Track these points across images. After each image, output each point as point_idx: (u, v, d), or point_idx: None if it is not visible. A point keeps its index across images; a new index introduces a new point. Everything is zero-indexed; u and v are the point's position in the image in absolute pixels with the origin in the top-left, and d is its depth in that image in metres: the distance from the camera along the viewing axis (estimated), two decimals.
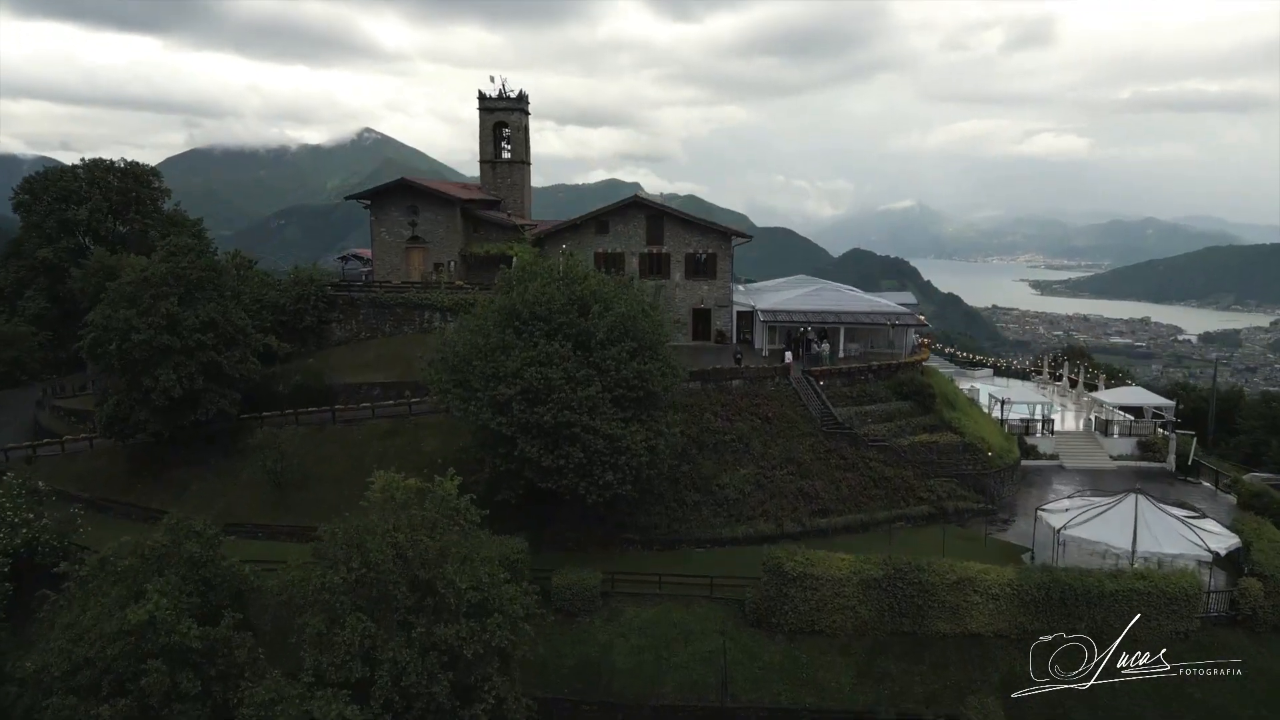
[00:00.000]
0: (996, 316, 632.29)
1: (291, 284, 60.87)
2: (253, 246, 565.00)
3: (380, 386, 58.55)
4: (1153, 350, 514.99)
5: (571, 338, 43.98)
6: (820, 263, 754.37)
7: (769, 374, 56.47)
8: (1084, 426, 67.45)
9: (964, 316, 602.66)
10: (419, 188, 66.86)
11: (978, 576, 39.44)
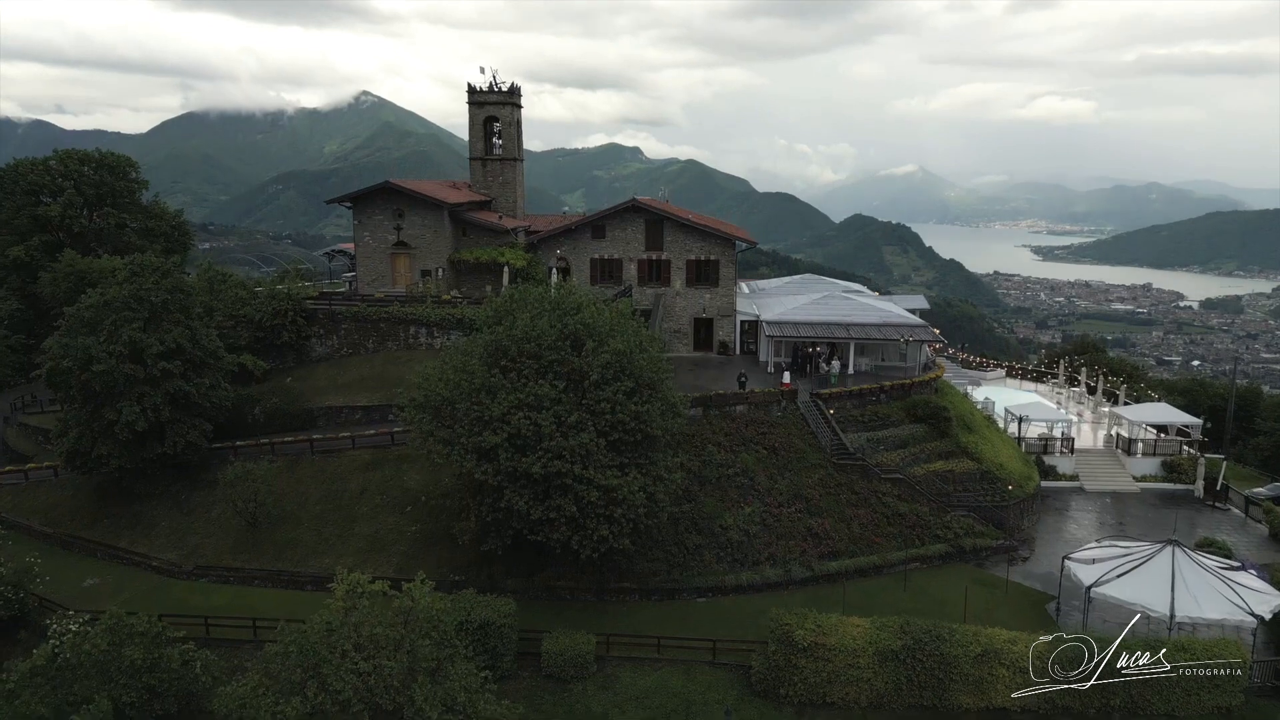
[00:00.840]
0: (998, 282, 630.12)
1: (268, 299, 57.21)
2: (250, 212, 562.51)
3: (362, 410, 55.18)
4: (1154, 317, 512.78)
5: (563, 376, 40.58)
6: (822, 229, 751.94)
7: (775, 398, 53.03)
8: (1104, 443, 64.22)
9: (965, 282, 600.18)
10: (404, 191, 63.01)
11: (1004, 648, 36.22)
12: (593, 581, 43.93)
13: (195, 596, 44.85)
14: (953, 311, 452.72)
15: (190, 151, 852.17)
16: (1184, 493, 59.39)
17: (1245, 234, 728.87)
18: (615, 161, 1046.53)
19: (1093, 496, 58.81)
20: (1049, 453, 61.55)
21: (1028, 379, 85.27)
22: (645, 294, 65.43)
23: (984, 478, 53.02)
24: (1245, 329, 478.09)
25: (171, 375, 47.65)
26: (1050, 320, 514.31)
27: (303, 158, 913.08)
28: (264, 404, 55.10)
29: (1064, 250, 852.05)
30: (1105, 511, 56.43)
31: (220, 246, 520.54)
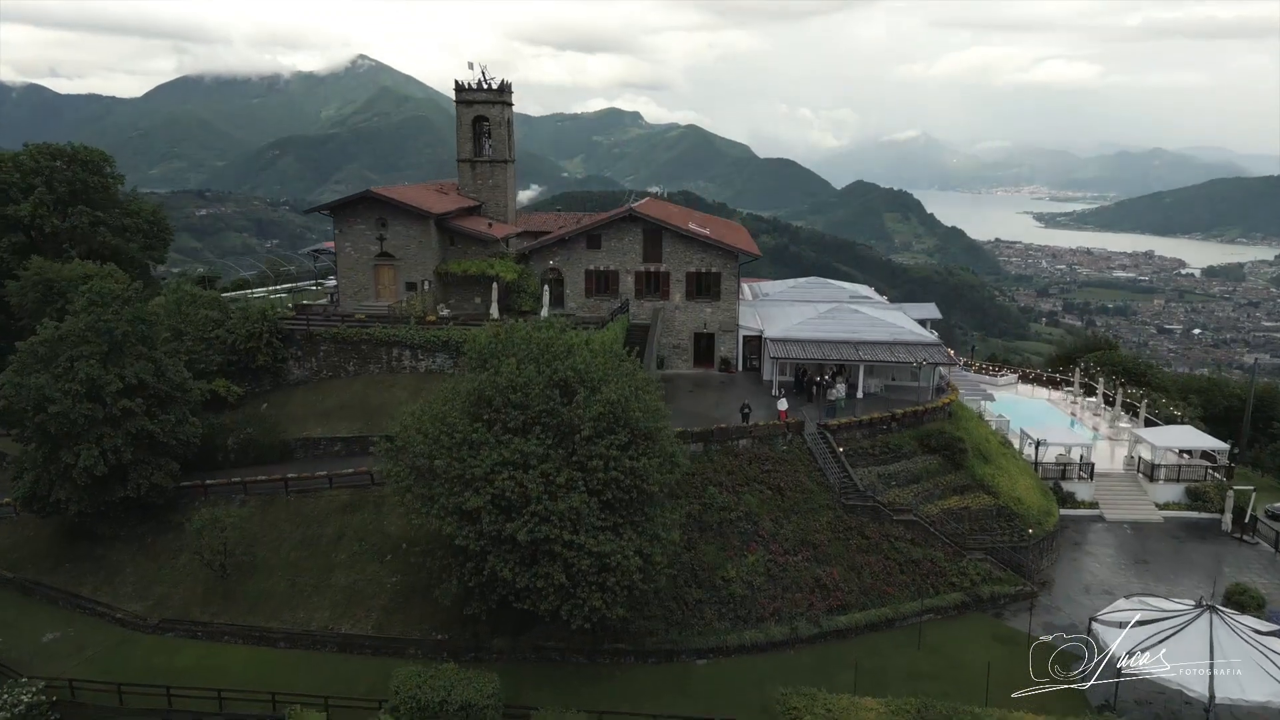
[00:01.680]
0: (999, 250, 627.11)
1: (241, 320, 53.77)
2: (248, 178, 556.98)
3: (342, 441, 51.96)
4: (1155, 284, 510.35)
5: (552, 429, 37.36)
6: (823, 195, 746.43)
7: (780, 431, 49.80)
8: (1124, 465, 61.12)
9: (966, 250, 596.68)
10: (388, 201, 59.41)
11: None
12: (584, 642, 40.89)
13: (160, 655, 41.92)
14: (953, 280, 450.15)
15: (186, 116, 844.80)
16: (1209, 522, 56.41)
17: (1248, 201, 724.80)
18: (615, 126, 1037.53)
19: (1113, 527, 55.85)
20: (1067, 478, 58.53)
21: (1041, 385, 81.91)
22: (643, 307, 62.08)
23: (1001, 514, 50.02)
24: (1247, 296, 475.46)
25: (133, 414, 44.40)
26: (1051, 288, 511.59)
27: (300, 122, 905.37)
28: (237, 434, 51.92)
29: (1066, 217, 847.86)
30: (1127, 545, 53.46)
31: (218, 213, 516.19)
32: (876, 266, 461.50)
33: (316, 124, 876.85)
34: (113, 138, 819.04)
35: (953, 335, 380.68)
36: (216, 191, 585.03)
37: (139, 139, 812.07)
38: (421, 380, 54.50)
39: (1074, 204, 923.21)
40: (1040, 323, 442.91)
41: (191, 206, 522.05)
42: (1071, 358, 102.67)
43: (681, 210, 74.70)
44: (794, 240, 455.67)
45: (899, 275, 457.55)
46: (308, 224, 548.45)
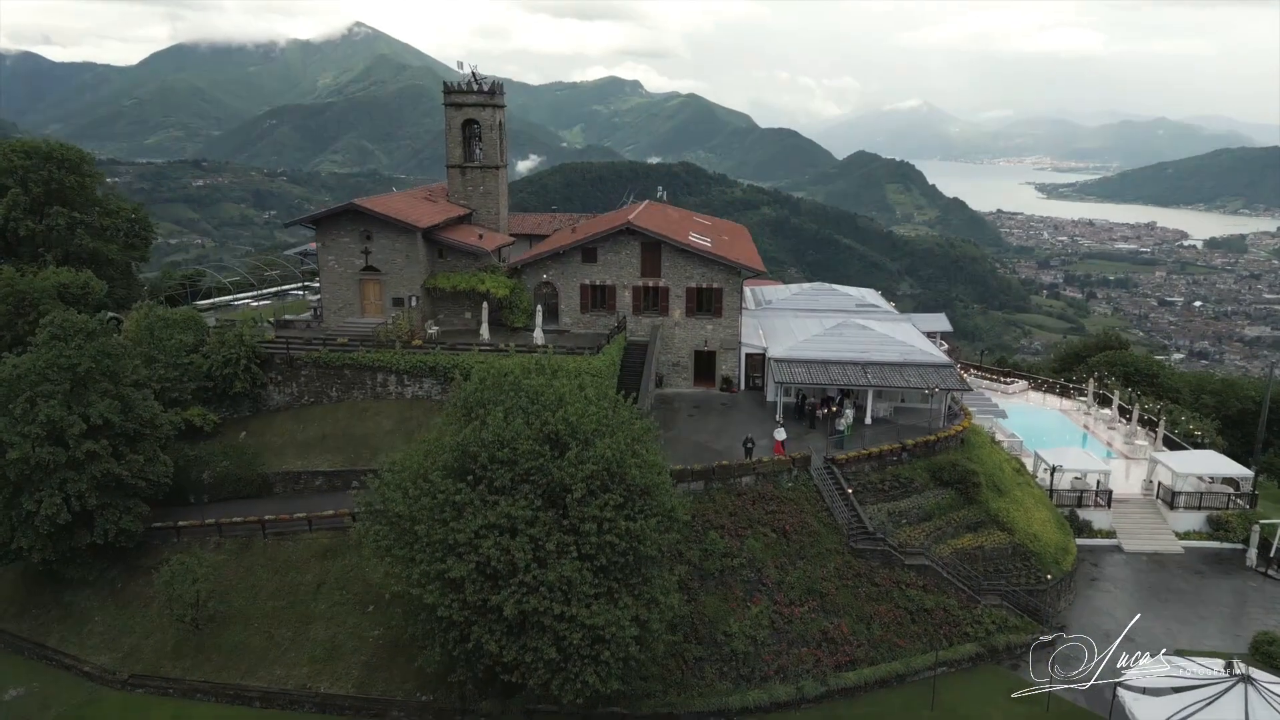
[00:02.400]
0: (1001, 221, 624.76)
1: (218, 345, 50.97)
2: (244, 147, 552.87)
3: (324, 476, 49.32)
4: (1157, 256, 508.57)
5: (541, 487, 34.74)
6: (824, 165, 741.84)
7: (785, 466, 47.18)
8: (1143, 488, 58.69)
9: (968, 221, 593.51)
10: (372, 214, 56.48)
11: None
12: (578, 706, 38.43)
13: (131, 715, 39.55)
14: (954, 252, 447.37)
15: (181, 85, 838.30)
16: (1231, 553, 54.07)
17: (1252, 171, 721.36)
18: (614, 95, 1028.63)
19: (1131, 559, 53.46)
20: (1083, 505, 56.11)
21: (1052, 393, 79.23)
22: (641, 324, 59.31)
23: (1016, 553, 47.72)
24: (1249, 269, 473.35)
25: (98, 457, 41.76)
26: (1053, 260, 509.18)
27: (296, 91, 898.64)
28: (214, 467, 49.27)
29: (1068, 188, 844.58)
30: (1147, 581, 51.08)
31: (214, 184, 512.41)
32: (877, 239, 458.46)
33: (313, 92, 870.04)
34: (108, 107, 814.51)
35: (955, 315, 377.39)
36: (213, 161, 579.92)
37: (134, 108, 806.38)
38: (408, 407, 51.87)
39: (1077, 174, 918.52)
40: (1041, 295, 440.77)
41: (188, 177, 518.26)
42: (1081, 356, 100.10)
43: (682, 216, 71.63)
44: (795, 212, 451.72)
45: (900, 247, 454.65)
46: (306, 194, 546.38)
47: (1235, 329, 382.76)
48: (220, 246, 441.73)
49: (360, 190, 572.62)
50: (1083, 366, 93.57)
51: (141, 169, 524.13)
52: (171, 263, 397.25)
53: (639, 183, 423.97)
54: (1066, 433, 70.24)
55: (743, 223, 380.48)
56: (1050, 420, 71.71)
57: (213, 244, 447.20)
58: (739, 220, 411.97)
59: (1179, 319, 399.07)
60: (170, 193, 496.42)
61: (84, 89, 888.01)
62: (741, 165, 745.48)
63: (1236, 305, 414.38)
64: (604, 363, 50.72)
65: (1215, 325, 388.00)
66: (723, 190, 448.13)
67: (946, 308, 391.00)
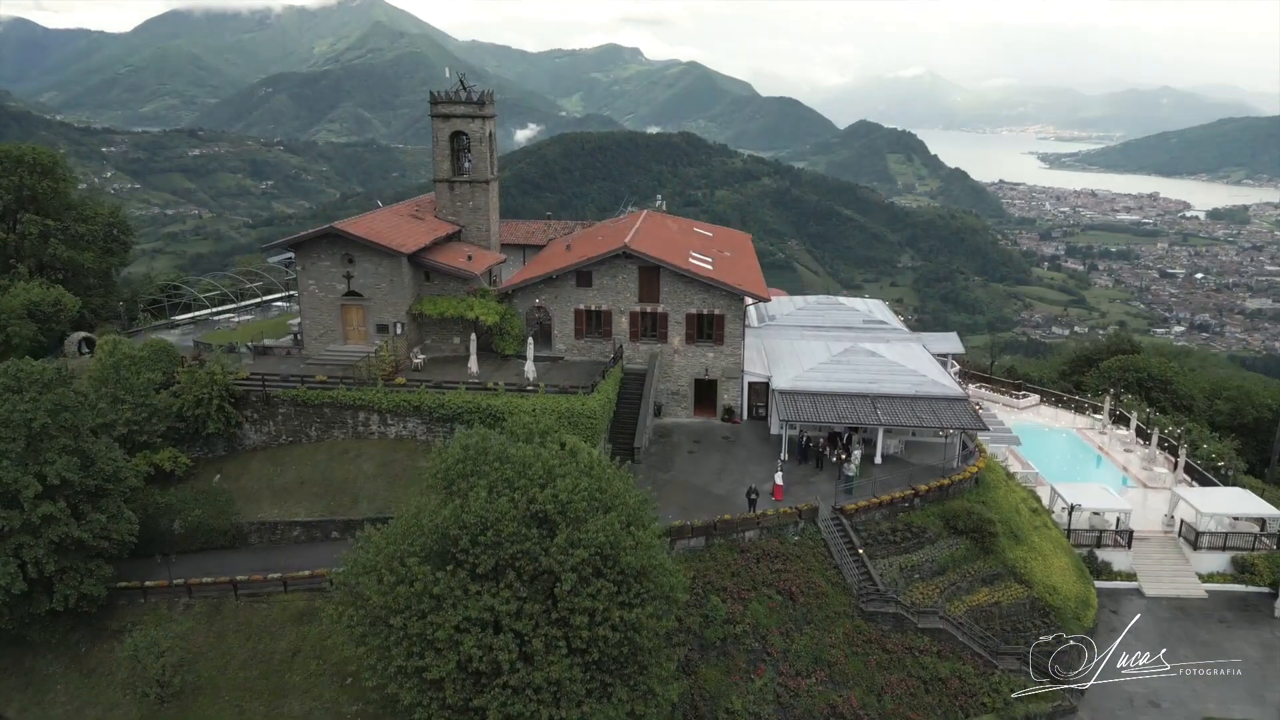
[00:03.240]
0: (1003, 192, 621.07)
1: (189, 384, 47.95)
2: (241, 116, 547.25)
3: (301, 526, 46.48)
4: (1159, 227, 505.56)
5: (528, 574, 31.94)
6: (825, 135, 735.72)
7: (791, 519, 44.43)
8: (1164, 524, 56.03)
9: (970, 192, 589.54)
10: (354, 238, 53.33)
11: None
12: None
13: None
14: (955, 223, 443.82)
15: (176, 51, 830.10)
16: (1258, 598, 51.44)
17: (1256, 141, 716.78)
18: (614, 63, 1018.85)
19: (1154, 606, 50.72)
20: (1102, 545, 53.41)
21: (1064, 406, 76.39)
22: (639, 350, 56.39)
23: (1035, 608, 45.19)
24: (1251, 240, 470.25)
25: (56, 520, 38.94)
26: (1054, 231, 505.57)
27: (292, 58, 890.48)
28: (185, 516, 46.45)
29: (1071, 158, 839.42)
30: (1170, 632, 48.38)
31: (211, 153, 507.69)
32: (879, 210, 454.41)
33: (309, 60, 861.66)
34: (103, 74, 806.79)
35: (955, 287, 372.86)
36: (209, 130, 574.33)
37: (129, 75, 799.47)
38: (391, 448, 48.95)
39: (1080, 144, 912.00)
40: (1042, 267, 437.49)
41: (184, 147, 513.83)
42: (1092, 359, 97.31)
43: (682, 228, 68.33)
44: (795, 183, 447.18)
45: (901, 219, 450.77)
46: (304, 164, 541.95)
47: (1236, 301, 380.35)
48: (217, 217, 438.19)
49: (358, 160, 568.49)
50: (1094, 371, 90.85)
51: (137, 138, 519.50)
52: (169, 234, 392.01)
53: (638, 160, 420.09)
54: (1080, 454, 67.64)
55: (743, 194, 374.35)
56: (1063, 441, 68.97)
57: (210, 214, 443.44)
58: (739, 191, 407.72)
59: (1180, 291, 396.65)
60: (166, 163, 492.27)
61: (78, 56, 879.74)
62: (742, 134, 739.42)
63: (1238, 277, 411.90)
64: (598, 402, 47.84)
65: (1216, 297, 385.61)
66: (723, 161, 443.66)
67: (947, 280, 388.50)
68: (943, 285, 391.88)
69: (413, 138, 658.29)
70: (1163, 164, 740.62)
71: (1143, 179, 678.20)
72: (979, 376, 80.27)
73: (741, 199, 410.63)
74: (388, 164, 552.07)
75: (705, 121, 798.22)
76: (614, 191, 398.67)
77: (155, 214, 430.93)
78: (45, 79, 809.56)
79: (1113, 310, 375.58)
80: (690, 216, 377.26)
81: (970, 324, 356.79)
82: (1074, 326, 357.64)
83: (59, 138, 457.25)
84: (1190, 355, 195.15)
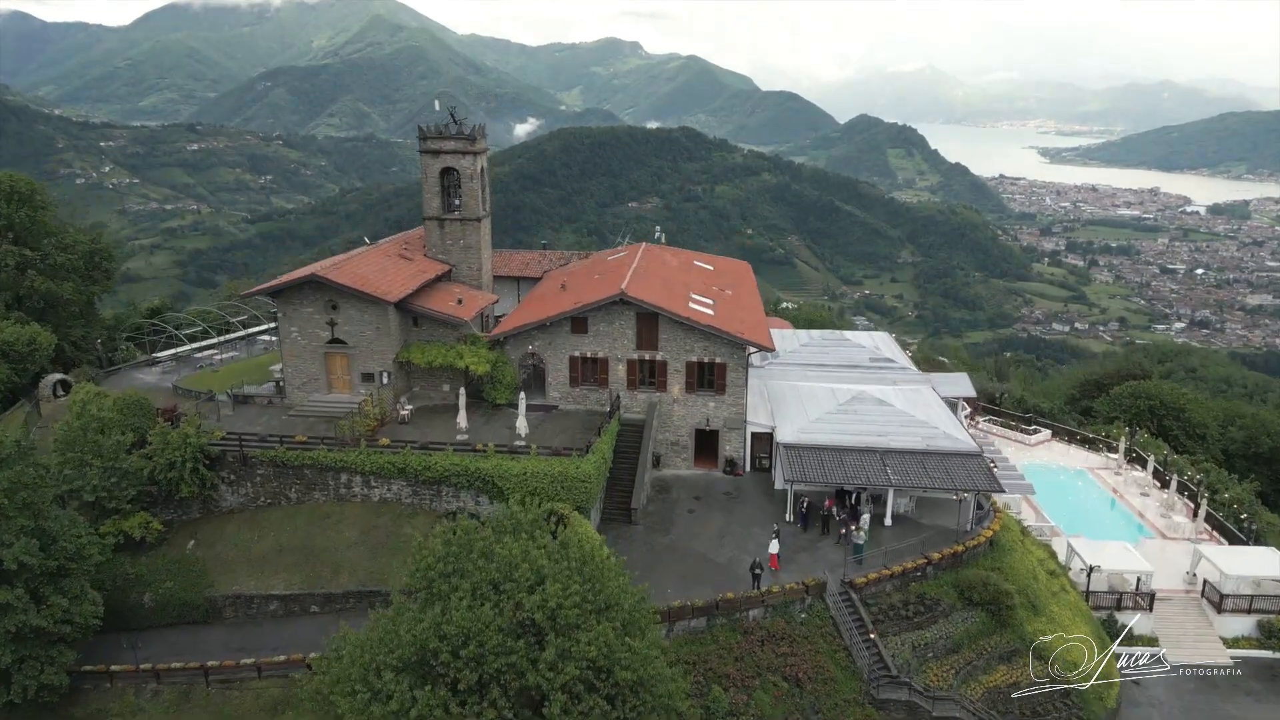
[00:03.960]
0: (1003, 186, 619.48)
1: (161, 446, 45.36)
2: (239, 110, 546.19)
3: (279, 600, 43.85)
4: (1160, 223, 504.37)
5: (515, 690, 29.42)
6: (826, 129, 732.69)
7: (798, 595, 41.92)
8: (1185, 582, 53.64)
9: (970, 187, 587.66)
10: (338, 286, 50.68)
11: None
12: None
13: None
14: (956, 219, 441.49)
15: (175, 45, 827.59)
16: None
17: (1257, 135, 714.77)
18: (614, 56, 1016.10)
19: (1177, 675, 48.19)
20: (1123, 608, 50.94)
21: (1075, 442, 73.87)
22: (637, 399, 53.84)
23: (1054, 688, 42.51)
24: (1251, 235, 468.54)
25: (12, 609, 36.42)
26: (1055, 226, 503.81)
27: (291, 52, 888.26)
28: (156, 588, 43.90)
29: (1072, 152, 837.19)
30: (1196, 709, 46.05)
31: (210, 148, 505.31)
32: (879, 205, 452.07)
33: (308, 54, 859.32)
34: (101, 68, 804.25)
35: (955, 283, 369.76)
36: (208, 125, 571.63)
37: (128, 69, 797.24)
38: (374, 512, 46.39)
39: (1080, 138, 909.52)
40: (1043, 263, 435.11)
41: (183, 141, 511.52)
42: (1102, 385, 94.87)
43: (682, 264, 65.57)
44: (795, 178, 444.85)
45: (901, 214, 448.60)
46: (303, 159, 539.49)
47: (1237, 297, 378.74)
48: (216, 212, 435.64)
49: (357, 155, 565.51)
50: (1104, 398, 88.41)
51: (136, 133, 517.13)
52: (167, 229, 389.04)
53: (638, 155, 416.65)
54: (1094, 497, 65.15)
55: (743, 189, 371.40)
56: (1077, 483, 66.46)
57: (208, 209, 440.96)
58: (739, 186, 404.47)
59: (1180, 287, 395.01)
60: (165, 157, 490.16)
61: (77, 49, 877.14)
62: (742, 129, 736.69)
63: (1238, 273, 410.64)
64: (592, 465, 45.24)
65: (1217, 293, 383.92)
66: (723, 156, 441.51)
67: (947, 275, 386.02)
68: (943, 281, 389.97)
69: (412, 132, 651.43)
70: (1163, 158, 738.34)
71: (1143, 174, 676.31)
72: (988, 409, 77.70)
73: (741, 194, 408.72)
74: (387, 158, 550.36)
75: (705, 115, 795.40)
76: (614, 188, 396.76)
77: (154, 209, 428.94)
78: (44, 73, 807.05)
79: (1113, 307, 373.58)
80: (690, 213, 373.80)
81: (970, 320, 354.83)
82: (1074, 323, 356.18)
83: (57, 131, 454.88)
84: (1192, 353, 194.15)
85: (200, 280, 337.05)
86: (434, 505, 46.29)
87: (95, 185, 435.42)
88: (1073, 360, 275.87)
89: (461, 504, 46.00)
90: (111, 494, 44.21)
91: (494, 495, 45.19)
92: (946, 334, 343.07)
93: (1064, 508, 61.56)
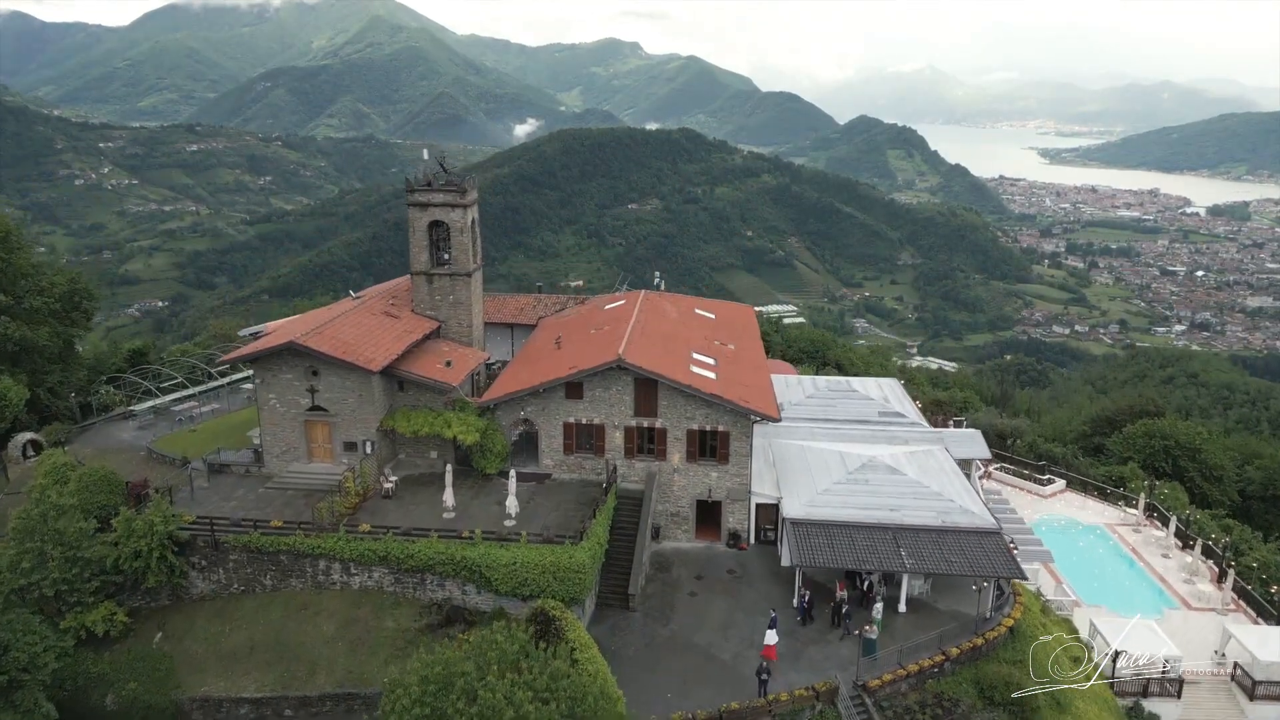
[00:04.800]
0: (1003, 188, 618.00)
1: (126, 534, 42.43)
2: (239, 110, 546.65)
3: (249, 704, 40.82)
4: (1160, 224, 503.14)
5: None
6: (826, 130, 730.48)
7: (808, 702, 39.04)
8: (1214, 663, 50.66)
9: (970, 188, 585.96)
10: (319, 354, 47.76)
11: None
12: None
13: None
14: (956, 221, 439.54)
15: (174, 45, 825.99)
16: None
17: (1257, 136, 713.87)
18: (613, 57, 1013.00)
19: None
20: (1149, 695, 47.97)
21: (1091, 495, 70.91)
22: (635, 468, 50.97)
23: None
24: (1251, 237, 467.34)
25: None
26: (1055, 228, 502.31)
27: (291, 52, 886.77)
28: (119, 689, 41.00)
29: (1072, 153, 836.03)
30: None
31: (209, 149, 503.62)
32: (879, 206, 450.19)
33: (308, 54, 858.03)
34: (100, 68, 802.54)
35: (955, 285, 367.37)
36: (208, 125, 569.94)
37: (127, 69, 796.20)
38: (354, 603, 43.44)
39: (1080, 139, 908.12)
40: (1043, 265, 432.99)
41: (182, 142, 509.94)
42: (1114, 421, 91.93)
43: (682, 314, 62.50)
44: (795, 179, 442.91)
45: (901, 216, 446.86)
46: (303, 160, 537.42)
47: (1237, 299, 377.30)
48: (215, 213, 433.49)
49: (356, 155, 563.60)
50: (1117, 437, 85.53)
51: (135, 133, 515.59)
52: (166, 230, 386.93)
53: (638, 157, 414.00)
54: (1113, 559, 62.17)
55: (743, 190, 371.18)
56: (1095, 545, 63.48)
57: (208, 211, 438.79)
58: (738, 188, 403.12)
59: (1181, 289, 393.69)
60: (164, 158, 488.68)
61: (76, 49, 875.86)
62: (741, 130, 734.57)
63: (1239, 275, 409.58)
64: (587, 554, 42.36)
65: (1217, 295, 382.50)
66: (723, 157, 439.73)
67: (947, 277, 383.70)
68: (943, 283, 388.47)
69: (412, 132, 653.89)
70: (1163, 159, 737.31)
71: (1143, 174, 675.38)
72: (1000, 456, 74.73)
73: (741, 196, 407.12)
74: (386, 159, 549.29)
75: (705, 116, 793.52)
76: (613, 189, 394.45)
77: (153, 210, 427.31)
78: (43, 73, 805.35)
79: (1113, 309, 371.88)
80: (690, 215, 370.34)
81: (970, 322, 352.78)
82: (1074, 325, 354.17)
83: (56, 132, 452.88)
84: (1193, 358, 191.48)
85: (199, 282, 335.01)
86: (418, 594, 43.39)
87: (94, 186, 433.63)
88: (1073, 363, 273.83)
89: (447, 593, 43.12)
90: (73, 586, 41.30)
91: (481, 585, 42.35)
92: (946, 336, 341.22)
93: (1083, 572, 58.62)
